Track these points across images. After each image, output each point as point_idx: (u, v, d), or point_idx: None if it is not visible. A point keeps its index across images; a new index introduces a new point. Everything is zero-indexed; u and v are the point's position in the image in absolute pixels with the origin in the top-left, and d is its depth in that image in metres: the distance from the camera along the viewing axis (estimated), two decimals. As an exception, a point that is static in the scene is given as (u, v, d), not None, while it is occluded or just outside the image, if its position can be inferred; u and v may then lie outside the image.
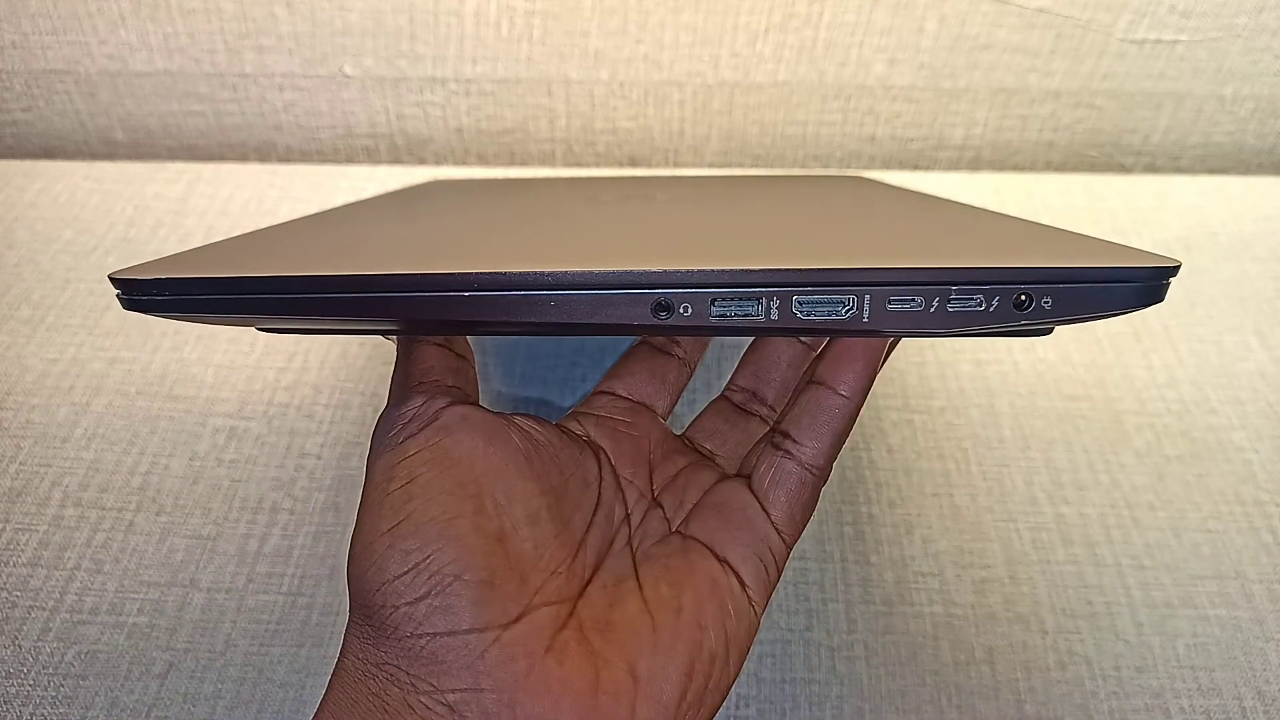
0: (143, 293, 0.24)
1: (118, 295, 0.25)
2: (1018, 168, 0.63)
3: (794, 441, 0.29)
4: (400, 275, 0.23)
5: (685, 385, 0.35)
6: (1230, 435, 0.44)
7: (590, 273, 0.23)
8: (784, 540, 0.28)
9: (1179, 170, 0.63)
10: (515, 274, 0.23)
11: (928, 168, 0.63)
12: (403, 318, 0.24)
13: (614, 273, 0.23)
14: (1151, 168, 0.63)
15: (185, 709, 0.35)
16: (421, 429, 0.27)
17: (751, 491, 0.29)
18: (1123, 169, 0.63)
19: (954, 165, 0.63)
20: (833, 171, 0.63)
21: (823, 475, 0.29)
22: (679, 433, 0.34)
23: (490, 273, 0.23)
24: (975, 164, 0.63)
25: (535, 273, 0.23)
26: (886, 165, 0.63)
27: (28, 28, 0.57)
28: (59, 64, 0.58)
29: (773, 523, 0.28)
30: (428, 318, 0.24)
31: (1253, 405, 0.46)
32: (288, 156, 0.63)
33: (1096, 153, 0.62)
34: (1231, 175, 0.61)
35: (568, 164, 0.63)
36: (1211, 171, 0.63)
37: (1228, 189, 0.59)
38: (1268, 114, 0.60)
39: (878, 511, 0.41)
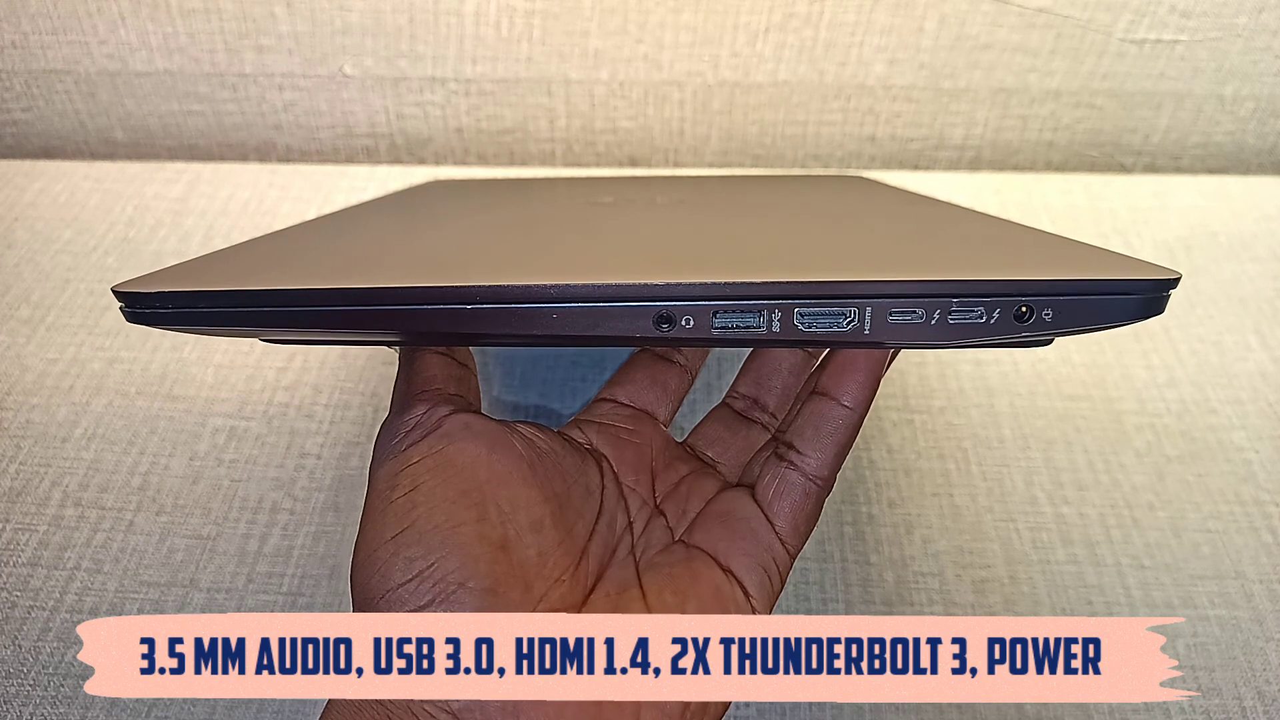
0: (146, 305, 0.25)
1: (121, 308, 0.25)
2: (1018, 168, 0.63)
3: (798, 453, 0.29)
4: (403, 289, 0.23)
5: (687, 392, 0.35)
6: (1230, 435, 0.45)
7: (592, 285, 0.23)
8: (788, 551, 0.29)
9: (1179, 170, 0.63)
10: (518, 287, 0.23)
11: (928, 168, 0.63)
12: (406, 330, 0.24)
13: (616, 285, 0.23)
14: (1151, 168, 0.63)
15: (185, 709, 0.35)
16: (424, 437, 0.27)
17: (755, 502, 0.29)
18: (1123, 169, 0.63)
19: (954, 165, 0.63)
20: (833, 171, 0.63)
21: (827, 486, 0.29)
22: (680, 440, 0.34)
23: (493, 286, 0.23)
24: (975, 164, 0.63)
25: (537, 285, 0.23)
26: (886, 165, 0.63)
27: (28, 28, 0.57)
28: (59, 64, 0.58)
29: (777, 533, 0.28)
30: (431, 330, 0.24)
31: (1253, 405, 0.46)
32: (288, 156, 0.63)
33: (1096, 153, 0.62)
34: (1231, 175, 0.61)
35: (568, 164, 0.63)
36: (1211, 171, 0.63)
37: (1228, 189, 0.59)
38: (1268, 114, 0.60)
39: (878, 511, 0.41)
